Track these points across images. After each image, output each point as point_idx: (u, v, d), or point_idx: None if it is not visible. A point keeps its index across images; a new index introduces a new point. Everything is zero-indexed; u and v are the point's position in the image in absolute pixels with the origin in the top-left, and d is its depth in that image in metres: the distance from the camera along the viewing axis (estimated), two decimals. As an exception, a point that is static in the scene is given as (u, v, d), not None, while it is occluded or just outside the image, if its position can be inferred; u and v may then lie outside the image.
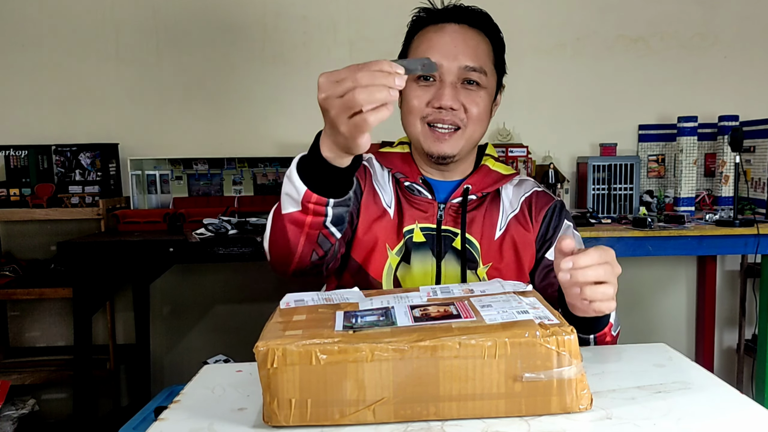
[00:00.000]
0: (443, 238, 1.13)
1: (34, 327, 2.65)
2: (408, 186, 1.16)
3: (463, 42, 1.10)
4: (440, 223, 1.14)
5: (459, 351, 0.67)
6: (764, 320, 2.34)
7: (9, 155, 2.42)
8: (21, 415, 2.34)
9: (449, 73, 1.09)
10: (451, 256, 1.13)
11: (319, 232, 0.92)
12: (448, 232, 1.14)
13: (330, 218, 0.90)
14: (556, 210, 1.19)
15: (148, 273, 2.57)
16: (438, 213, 1.14)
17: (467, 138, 1.12)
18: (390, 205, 1.16)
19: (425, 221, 1.14)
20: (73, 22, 2.57)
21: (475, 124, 1.11)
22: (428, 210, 1.15)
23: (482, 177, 1.18)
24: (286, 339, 0.68)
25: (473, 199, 1.15)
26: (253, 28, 2.62)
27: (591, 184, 2.41)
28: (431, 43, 1.11)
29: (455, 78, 1.09)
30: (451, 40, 1.10)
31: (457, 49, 1.09)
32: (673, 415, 0.70)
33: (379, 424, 0.69)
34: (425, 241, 1.13)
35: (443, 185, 1.18)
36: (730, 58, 2.69)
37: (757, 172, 2.38)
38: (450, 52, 1.09)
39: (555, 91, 2.68)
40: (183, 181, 2.56)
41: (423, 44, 1.12)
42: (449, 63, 1.09)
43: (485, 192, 1.16)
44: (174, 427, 0.72)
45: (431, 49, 1.10)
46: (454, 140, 1.11)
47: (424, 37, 1.13)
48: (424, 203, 1.15)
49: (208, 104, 2.63)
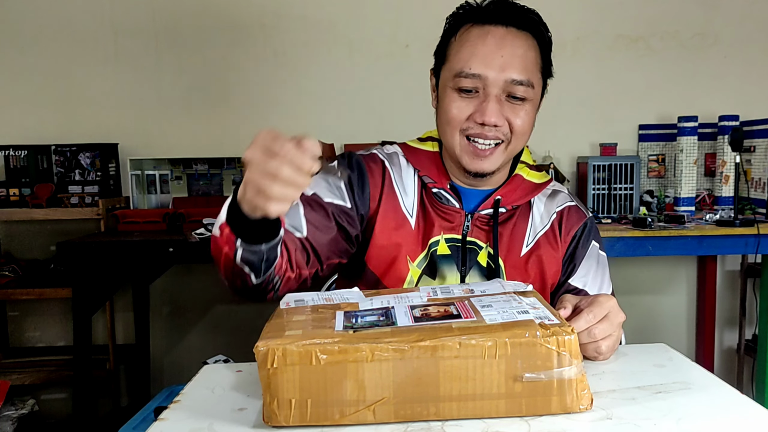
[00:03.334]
0: (468, 251, 1.07)
1: (33, 327, 2.65)
2: (435, 193, 1.08)
3: (510, 50, 1.00)
4: (466, 235, 1.07)
5: (459, 351, 0.67)
6: (764, 320, 2.34)
7: (8, 155, 2.42)
8: (21, 415, 2.34)
9: (494, 86, 0.99)
10: (476, 271, 1.07)
11: (233, 266, 0.84)
12: (474, 244, 1.07)
13: (239, 257, 0.82)
14: (586, 230, 1.12)
15: (148, 273, 2.57)
16: (465, 224, 1.07)
17: (509, 153, 1.05)
18: (411, 212, 1.08)
19: (450, 232, 1.07)
20: (72, 23, 2.57)
21: (518, 139, 1.03)
22: (455, 220, 1.07)
23: (515, 188, 1.10)
24: (286, 339, 0.68)
25: (503, 212, 1.08)
26: (252, 28, 2.62)
27: (591, 184, 2.41)
28: (474, 50, 1.00)
29: (500, 91, 1.00)
30: (497, 48, 0.99)
31: (504, 59, 0.99)
32: (673, 415, 0.70)
33: (379, 424, 0.68)
34: (450, 254, 1.06)
35: (472, 193, 1.10)
36: (730, 58, 2.69)
37: (757, 172, 2.38)
38: (496, 62, 0.99)
39: (555, 91, 2.65)
40: (183, 181, 2.55)
41: (464, 49, 1.01)
42: (495, 75, 0.99)
43: (516, 205, 1.09)
44: (174, 427, 0.72)
45: (474, 57, 0.99)
46: (495, 156, 1.03)
47: (467, 41, 1.01)
48: (450, 212, 1.08)
49: (207, 104, 2.63)
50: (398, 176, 1.10)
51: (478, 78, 0.99)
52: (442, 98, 1.04)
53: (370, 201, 1.08)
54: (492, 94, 1.00)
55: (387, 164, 1.11)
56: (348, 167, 1.09)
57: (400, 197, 1.09)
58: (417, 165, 1.10)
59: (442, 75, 1.05)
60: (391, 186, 1.09)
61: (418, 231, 1.07)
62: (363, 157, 1.11)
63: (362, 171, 1.09)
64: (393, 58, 2.61)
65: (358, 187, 1.08)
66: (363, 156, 1.12)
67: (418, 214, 1.08)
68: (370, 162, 1.11)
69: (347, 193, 1.06)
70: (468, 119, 1.01)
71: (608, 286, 1.12)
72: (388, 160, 1.12)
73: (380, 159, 1.12)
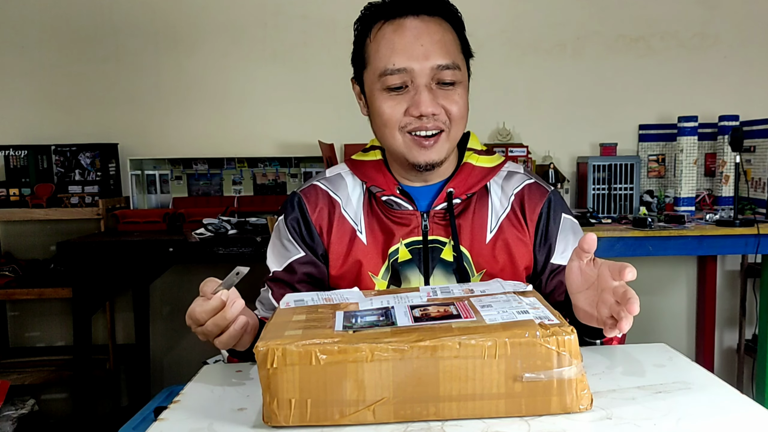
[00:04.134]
0: (431, 250, 1.05)
1: (33, 327, 2.65)
2: (386, 201, 1.07)
3: (428, 37, 0.98)
4: (426, 234, 1.06)
5: (459, 351, 0.67)
6: (764, 320, 2.34)
7: (9, 155, 2.42)
8: (21, 415, 2.34)
9: (421, 75, 0.98)
10: (441, 268, 1.05)
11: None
12: (436, 242, 1.06)
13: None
14: (552, 205, 1.09)
15: (148, 273, 2.57)
16: (423, 223, 1.06)
17: (452, 140, 1.04)
18: (360, 229, 1.07)
19: (410, 235, 1.06)
20: (72, 23, 2.57)
21: (458, 124, 1.03)
22: (411, 222, 1.06)
23: (466, 176, 1.08)
24: (286, 339, 0.68)
25: (458, 202, 1.07)
26: (252, 28, 2.62)
27: (591, 184, 2.41)
28: (393, 46, 0.98)
29: (428, 79, 0.98)
30: (415, 38, 0.98)
31: (425, 47, 0.98)
32: (673, 415, 0.70)
33: (379, 424, 0.68)
34: (411, 258, 1.05)
35: (423, 192, 1.08)
36: (730, 58, 2.69)
37: (757, 172, 2.38)
38: (417, 52, 0.97)
39: (555, 91, 2.67)
40: (183, 181, 2.56)
41: (383, 47, 0.99)
42: (420, 65, 0.97)
43: (470, 193, 1.07)
44: (174, 427, 0.72)
45: (394, 52, 0.98)
46: (439, 145, 1.02)
47: (382, 39, 1.00)
48: (405, 216, 1.06)
49: (207, 104, 2.63)
50: (345, 199, 1.10)
51: (404, 72, 0.98)
52: (372, 103, 1.03)
53: (321, 236, 1.09)
54: (422, 85, 0.99)
55: (331, 194, 1.11)
56: (290, 211, 1.11)
57: (349, 218, 1.09)
58: (363, 177, 1.10)
59: (366, 79, 1.04)
60: (339, 213, 1.09)
61: (374, 245, 1.06)
62: (304, 195, 1.11)
63: (303, 211, 1.10)
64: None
65: (305, 230, 1.09)
66: (304, 193, 1.12)
67: (370, 228, 1.07)
68: (311, 198, 1.11)
69: (297, 243, 1.09)
70: (404, 115, 1.00)
71: None
72: (331, 187, 1.11)
73: (323, 190, 1.11)
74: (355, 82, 1.10)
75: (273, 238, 1.14)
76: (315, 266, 1.09)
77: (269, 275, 1.11)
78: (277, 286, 1.09)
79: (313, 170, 2.55)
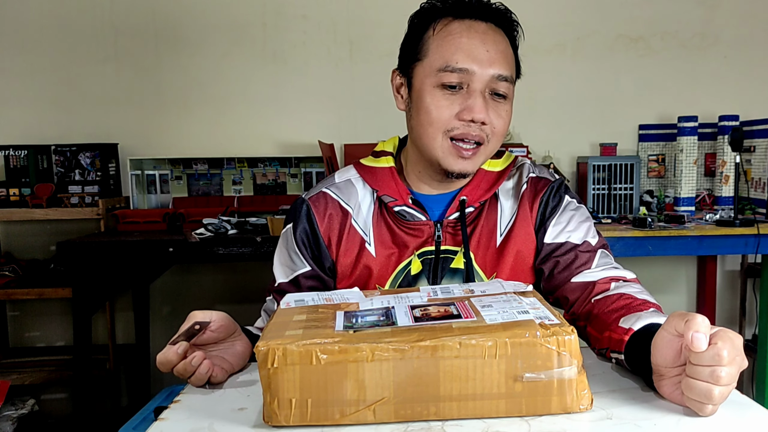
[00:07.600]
0: (442, 260, 1.04)
1: (33, 327, 2.65)
2: (398, 212, 1.04)
3: (494, 45, 0.97)
4: (439, 245, 1.04)
5: (459, 351, 0.67)
6: (764, 320, 2.35)
7: (9, 155, 2.42)
8: (21, 415, 2.34)
9: (480, 80, 0.96)
10: (449, 277, 1.04)
11: None
12: (448, 252, 1.04)
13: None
14: (554, 190, 1.07)
15: (148, 273, 2.57)
16: (436, 234, 1.04)
17: (488, 154, 1.02)
18: (369, 240, 1.05)
19: (422, 246, 1.04)
20: (72, 23, 2.57)
21: (497, 139, 1.02)
22: (424, 233, 1.04)
23: (478, 183, 1.06)
24: (286, 339, 0.68)
25: (471, 210, 1.05)
26: (252, 28, 2.62)
27: (591, 184, 2.41)
28: (459, 44, 0.96)
29: (484, 86, 0.97)
30: (482, 42, 0.97)
31: (490, 54, 0.96)
32: (673, 415, 0.70)
33: (380, 424, 0.68)
34: (421, 269, 1.03)
35: (436, 200, 1.07)
36: (730, 58, 2.69)
37: (757, 172, 2.38)
38: (482, 56, 0.96)
39: (555, 91, 2.67)
40: (183, 181, 2.56)
41: (448, 43, 0.97)
42: (482, 69, 0.96)
43: (483, 201, 1.06)
44: (174, 427, 0.72)
45: (460, 51, 0.96)
46: (476, 157, 1.00)
47: (448, 35, 0.98)
48: (419, 227, 1.04)
49: (207, 104, 2.63)
50: (356, 209, 1.07)
51: (464, 72, 0.96)
52: (420, 97, 1.00)
53: (329, 248, 1.07)
54: (477, 90, 0.97)
55: (342, 203, 1.07)
56: (298, 221, 1.08)
57: (359, 229, 1.06)
58: (374, 185, 1.07)
59: (419, 73, 1.01)
60: (350, 224, 1.06)
61: (383, 256, 1.04)
62: (312, 203, 1.08)
63: (312, 222, 1.07)
64: (393, 58, 2.59)
65: (313, 243, 1.07)
66: (312, 200, 1.09)
67: (380, 239, 1.05)
68: (320, 207, 1.08)
69: (303, 257, 1.07)
70: (452, 118, 0.98)
71: (594, 236, 1.07)
72: (341, 195, 1.08)
73: (333, 198, 1.08)
74: (398, 74, 1.07)
75: (280, 245, 1.12)
76: (320, 280, 1.08)
77: (275, 284, 1.10)
78: (282, 298, 1.09)
79: (313, 170, 2.55)
